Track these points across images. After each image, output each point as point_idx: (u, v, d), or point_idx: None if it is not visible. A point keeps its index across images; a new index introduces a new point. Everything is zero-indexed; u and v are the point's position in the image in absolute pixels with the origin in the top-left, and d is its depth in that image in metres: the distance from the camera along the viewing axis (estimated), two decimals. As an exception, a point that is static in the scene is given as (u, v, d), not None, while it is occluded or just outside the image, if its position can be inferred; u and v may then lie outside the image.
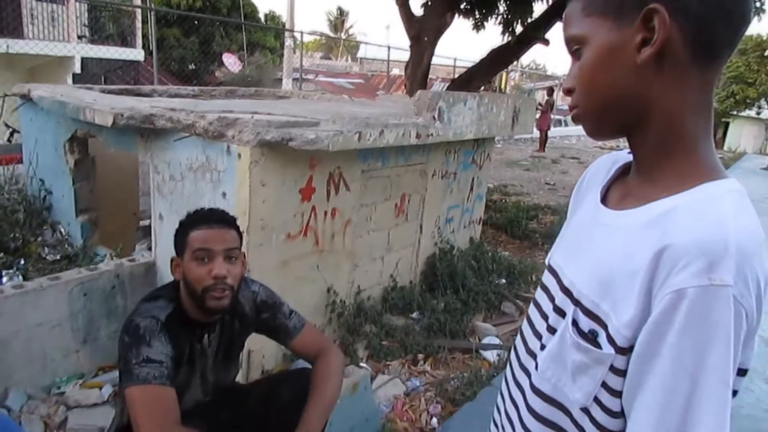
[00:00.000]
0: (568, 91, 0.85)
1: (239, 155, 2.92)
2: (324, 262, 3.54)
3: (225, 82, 15.21)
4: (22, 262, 3.89)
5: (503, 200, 8.22)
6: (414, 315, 4.16)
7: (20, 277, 3.67)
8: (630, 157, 0.89)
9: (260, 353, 3.16)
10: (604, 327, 0.77)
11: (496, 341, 3.93)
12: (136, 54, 13.87)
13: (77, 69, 12.66)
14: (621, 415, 0.77)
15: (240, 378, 2.91)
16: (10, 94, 4.67)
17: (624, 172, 0.91)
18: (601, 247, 0.82)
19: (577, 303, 0.82)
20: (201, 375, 1.70)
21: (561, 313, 0.86)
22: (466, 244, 5.19)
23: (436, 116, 3.81)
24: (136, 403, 1.40)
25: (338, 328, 3.73)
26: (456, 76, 12.11)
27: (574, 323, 0.82)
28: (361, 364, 3.43)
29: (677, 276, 0.68)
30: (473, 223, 5.32)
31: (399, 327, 3.88)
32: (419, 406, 3.13)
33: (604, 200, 0.90)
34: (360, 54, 32.89)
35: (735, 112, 28.85)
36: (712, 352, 0.66)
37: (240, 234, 1.69)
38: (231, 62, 17.72)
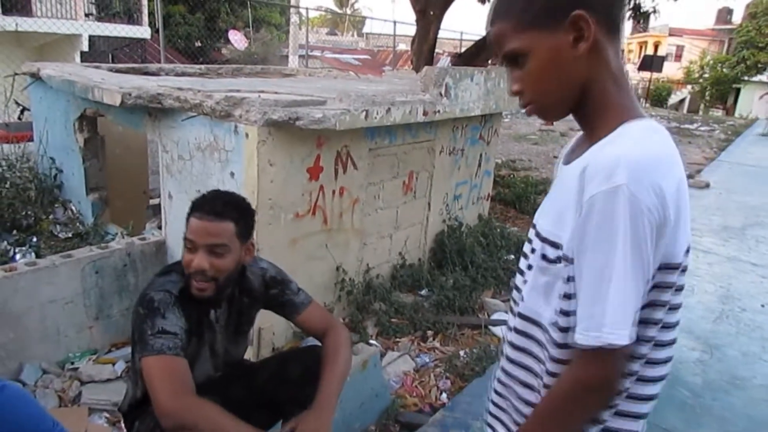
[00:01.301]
0: (517, 94, 1.05)
1: (247, 135, 2.92)
2: (332, 240, 3.56)
3: (231, 60, 15.14)
4: (35, 239, 3.94)
5: (511, 175, 8.17)
6: (423, 292, 4.18)
7: (33, 254, 3.72)
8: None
9: (270, 331, 3.21)
10: (560, 247, 1.01)
11: (505, 317, 3.95)
12: (143, 32, 13.81)
13: (85, 47, 12.64)
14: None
15: (251, 356, 2.97)
16: (20, 72, 4.67)
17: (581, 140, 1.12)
18: (556, 193, 1.08)
19: (543, 240, 1.06)
20: (210, 348, 1.74)
21: (533, 250, 1.11)
22: (474, 220, 5.19)
23: (442, 92, 3.77)
24: (151, 372, 1.43)
25: (347, 305, 3.77)
26: (463, 50, 11.96)
27: (543, 256, 1.05)
28: (371, 342, 3.47)
29: (588, 187, 0.92)
30: (481, 199, 5.31)
31: (408, 304, 3.91)
32: (429, 381, 3.17)
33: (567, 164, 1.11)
34: (366, 29, 32.53)
35: (746, 78, 28.26)
36: (619, 234, 0.89)
37: (245, 222, 1.67)
38: (237, 39, 17.58)
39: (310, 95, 3.28)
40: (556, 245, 1.02)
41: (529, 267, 1.12)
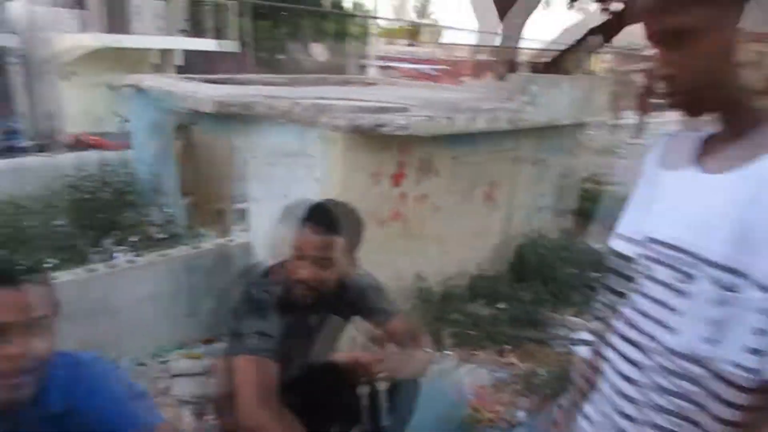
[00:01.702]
0: (666, 78, 0.90)
1: (332, 141, 2.98)
2: (412, 247, 3.56)
3: (311, 71, 15.58)
4: (132, 239, 4.19)
5: (596, 189, 7.85)
6: (501, 305, 4.08)
7: (132, 253, 3.95)
8: (698, 132, 0.98)
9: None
10: (744, 276, 0.84)
11: (588, 337, 3.78)
12: (231, 46, 14.48)
13: (179, 61, 13.42)
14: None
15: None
16: (121, 85, 5.01)
17: (705, 143, 0.97)
18: (725, 209, 0.87)
19: (711, 263, 0.87)
20: (303, 352, 1.77)
21: (688, 276, 0.91)
22: (556, 234, 5.03)
23: (528, 100, 3.70)
24: (240, 372, 1.47)
25: (425, 314, 3.74)
26: (536, 58, 11.65)
27: (719, 284, 0.86)
28: (446, 352, 3.42)
29: None
30: (564, 212, 5.13)
31: (485, 316, 3.82)
32: (505, 397, 3.08)
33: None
34: (444, 39, 32.55)
35: None
36: None
37: (355, 237, 1.69)
38: (318, 51, 18.10)
39: (394, 102, 3.30)
40: (736, 272, 0.85)
41: (679, 294, 0.93)
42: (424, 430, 2.42)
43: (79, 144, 7.67)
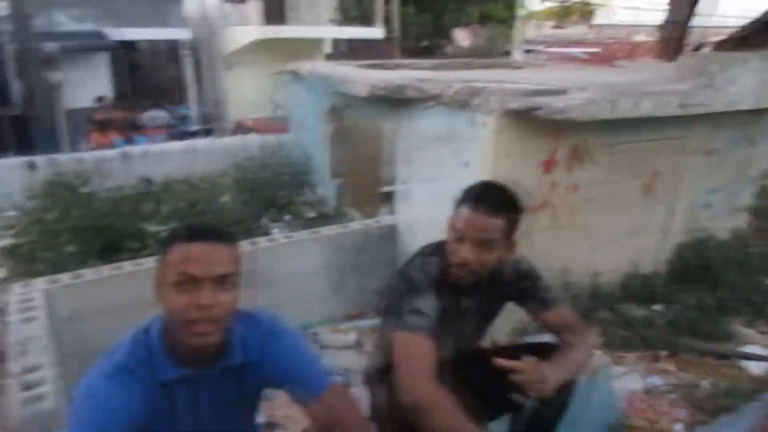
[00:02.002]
0: None
1: (484, 124, 2.93)
2: (560, 239, 3.40)
3: (457, 56, 15.47)
4: (288, 217, 4.49)
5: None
6: (656, 307, 3.77)
7: (287, 229, 4.23)
8: None
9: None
10: None
11: (761, 351, 3.36)
12: (377, 33, 14.86)
13: (328, 49, 14.05)
14: None
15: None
16: (282, 71, 5.35)
17: None
18: None
19: None
20: (456, 334, 1.77)
21: None
22: (726, 234, 4.51)
23: (705, 82, 3.33)
24: (400, 347, 1.50)
25: (570, 310, 3.57)
26: (719, 36, 10.45)
27: None
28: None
29: None
30: (739, 210, 4.59)
31: (638, 318, 3.56)
32: (661, 407, 2.85)
33: None
34: (597, 20, 30.50)
35: None
36: None
37: (516, 220, 1.65)
38: (461, 37, 17.93)
39: (550, 85, 3.16)
40: None
41: None
42: (570, 427, 2.32)
43: (242, 128, 8.34)
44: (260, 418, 2.56)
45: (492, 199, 1.59)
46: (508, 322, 3.29)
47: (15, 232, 4.20)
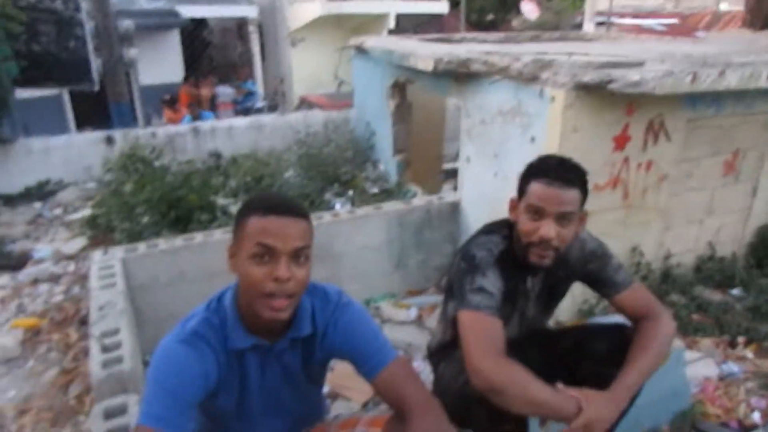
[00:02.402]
0: None
1: (552, 98, 2.83)
2: (631, 218, 3.27)
3: (523, 30, 14.98)
4: (350, 192, 4.53)
5: None
6: (735, 291, 3.58)
7: (350, 204, 4.28)
8: None
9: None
10: None
11: None
12: (442, 7, 14.57)
13: (391, 25, 13.92)
14: None
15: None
16: (346, 46, 5.35)
17: None
18: None
19: None
20: (520, 315, 1.73)
21: None
22: (815, 215, 4.22)
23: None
24: (466, 327, 1.48)
25: (645, 290, 3.44)
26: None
27: None
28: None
29: None
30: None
31: (714, 302, 3.39)
32: (737, 395, 2.72)
33: None
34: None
35: None
36: None
37: (587, 190, 1.56)
38: (528, 9, 17.29)
39: (623, 57, 3.01)
40: None
41: None
42: (640, 413, 2.25)
43: (306, 104, 8.44)
44: (325, 389, 2.64)
45: (565, 170, 1.53)
46: (574, 303, 3.22)
47: (94, 204, 4.44)
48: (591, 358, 1.66)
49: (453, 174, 4.45)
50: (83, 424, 2.35)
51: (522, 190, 1.58)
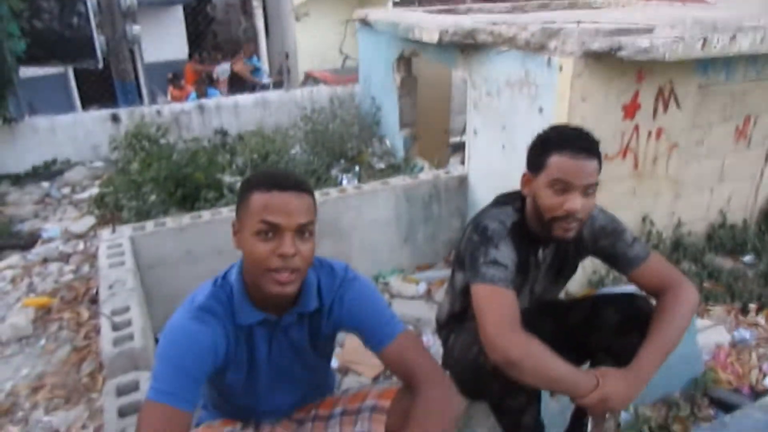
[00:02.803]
0: None
1: (560, 68, 2.78)
2: (642, 188, 3.24)
3: (530, -1, 14.69)
4: (357, 168, 4.50)
5: None
6: (746, 258, 3.56)
7: (356, 180, 4.26)
8: None
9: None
10: None
11: None
12: (447, -23, 14.31)
13: (397, -4, 13.68)
14: None
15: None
16: (351, 19, 5.27)
17: None
18: None
19: None
20: (530, 287, 1.72)
21: None
22: (828, 181, 4.15)
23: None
24: (481, 300, 1.46)
25: (663, 261, 3.42)
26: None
27: None
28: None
29: None
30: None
31: (726, 270, 3.37)
32: (748, 361, 2.72)
33: None
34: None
35: None
36: None
37: (600, 161, 1.50)
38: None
39: (635, 23, 2.94)
40: None
41: None
42: (654, 383, 2.26)
43: (311, 80, 8.37)
44: (335, 364, 2.66)
45: (586, 140, 1.48)
46: (584, 274, 3.21)
47: (102, 183, 4.46)
48: (602, 328, 1.65)
49: (460, 148, 4.42)
50: (96, 401, 2.39)
51: (539, 163, 1.52)
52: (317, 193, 3.30)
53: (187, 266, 3.04)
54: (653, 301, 1.66)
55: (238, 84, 9.99)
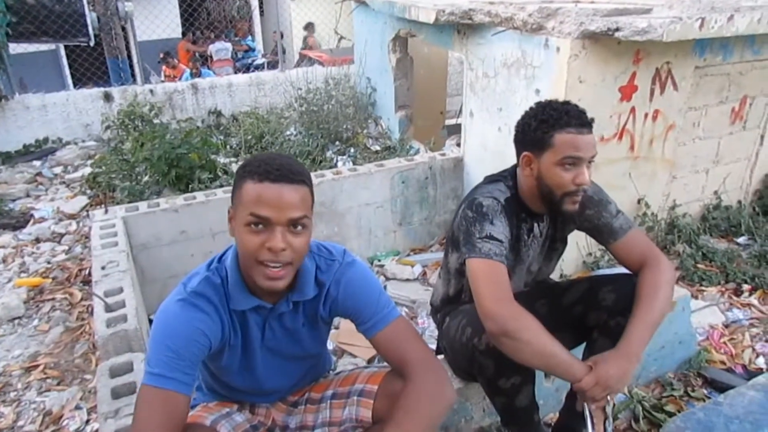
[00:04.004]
0: None
1: (558, 49, 2.75)
2: (637, 169, 3.23)
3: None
4: (352, 150, 4.47)
5: None
6: (741, 240, 3.57)
7: (351, 162, 4.23)
8: None
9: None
10: None
11: None
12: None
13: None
14: None
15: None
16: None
17: None
18: None
19: None
20: (525, 264, 1.72)
21: None
22: (823, 163, 4.16)
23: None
24: (477, 274, 1.46)
25: (644, 236, 3.42)
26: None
27: None
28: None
29: None
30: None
31: (720, 251, 3.39)
32: (742, 341, 2.74)
33: None
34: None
35: None
36: None
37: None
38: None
39: (633, 3, 2.90)
40: None
41: None
42: (645, 361, 2.28)
43: (306, 60, 8.28)
44: (331, 345, 2.66)
45: (584, 114, 1.53)
46: (579, 256, 3.21)
47: (94, 162, 4.41)
48: (598, 308, 1.65)
49: (456, 130, 4.39)
50: (89, 382, 2.39)
51: (542, 143, 1.53)
52: (313, 176, 3.29)
53: (182, 247, 3.03)
54: None
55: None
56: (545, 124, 1.53)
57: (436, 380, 1.28)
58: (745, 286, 3.15)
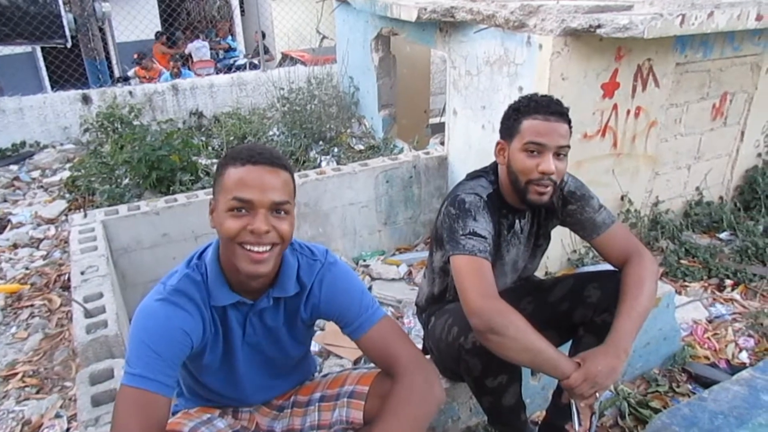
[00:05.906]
0: None
1: (540, 46, 2.75)
2: (620, 166, 3.25)
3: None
4: (336, 149, 4.44)
5: None
6: (722, 235, 3.61)
7: (335, 162, 4.20)
8: None
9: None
10: None
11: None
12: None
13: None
14: None
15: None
16: (327, -3, 5.16)
17: None
18: None
19: None
20: (509, 260, 1.71)
21: None
22: (802, 158, 4.22)
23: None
24: (462, 270, 1.45)
25: (626, 231, 3.44)
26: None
27: None
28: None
29: None
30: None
31: (702, 246, 3.42)
32: (725, 336, 2.76)
33: None
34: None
35: None
36: None
37: (570, 125, 1.55)
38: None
39: (613, 0, 2.92)
40: None
41: None
42: (631, 358, 2.28)
43: (288, 60, 8.22)
44: (316, 347, 2.63)
45: (557, 104, 1.52)
46: (564, 253, 3.22)
47: (73, 165, 4.33)
48: (583, 305, 1.64)
49: (440, 128, 4.38)
50: (70, 389, 2.34)
51: (512, 129, 1.55)
52: (296, 176, 3.26)
53: (163, 251, 2.98)
54: None
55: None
56: (516, 112, 1.55)
57: (426, 379, 1.26)
58: (728, 281, 3.18)
